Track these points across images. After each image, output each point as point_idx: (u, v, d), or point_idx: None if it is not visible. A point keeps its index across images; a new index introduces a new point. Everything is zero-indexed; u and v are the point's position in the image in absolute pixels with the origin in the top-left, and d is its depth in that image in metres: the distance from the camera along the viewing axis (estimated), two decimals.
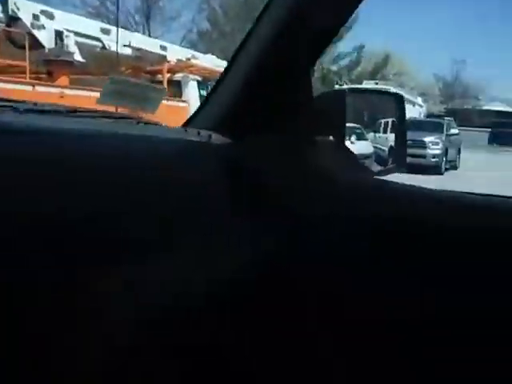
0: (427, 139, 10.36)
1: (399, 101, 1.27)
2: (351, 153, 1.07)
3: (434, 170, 9.92)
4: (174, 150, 0.79)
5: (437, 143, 10.71)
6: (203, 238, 0.71)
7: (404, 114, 1.25)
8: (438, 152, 10.63)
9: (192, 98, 9.92)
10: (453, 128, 12.96)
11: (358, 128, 2.07)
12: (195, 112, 1.04)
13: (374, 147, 1.93)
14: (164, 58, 10.39)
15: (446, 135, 11.66)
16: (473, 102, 27.04)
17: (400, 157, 1.20)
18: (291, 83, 0.94)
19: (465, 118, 24.31)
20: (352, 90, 1.14)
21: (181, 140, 0.85)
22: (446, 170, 10.94)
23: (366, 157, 1.56)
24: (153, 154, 0.74)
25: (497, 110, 26.30)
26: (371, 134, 2.03)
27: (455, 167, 11.80)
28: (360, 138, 2.04)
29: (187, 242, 0.68)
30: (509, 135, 23.73)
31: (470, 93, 27.98)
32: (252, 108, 0.95)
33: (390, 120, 1.42)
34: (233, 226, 0.77)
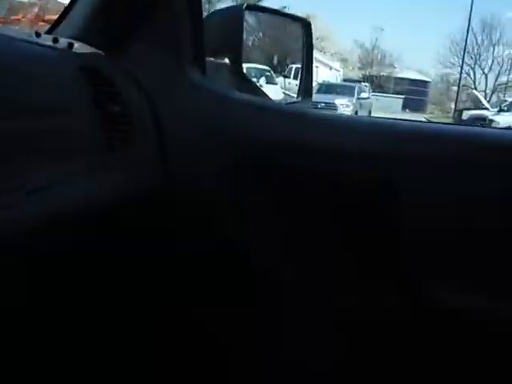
0: (338, 102, 10.95)
1: (307, 27, 1.19)
2: (245, 76, 0.99)
3: None
4: (16, 51, 0.67)
5: (347, 106, 11.37)
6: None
7: (311, 41, 1.18)
8: (348, 114, 11.28)
9: None
10: (364, 92, 13.84)
11: (268, 70, 1.99)
12: (59, 18, 0.89)
13: (284, 93, 1.86)
14: (64, 5, 9.65)
15: (357, 99, 12.40)
16: (389, 70, 28.41)
17: (306, 88, 1.14)
18: None
19: (381, 84, 25.61)
20: (251, 7, 1.02)
21: (28, 40, 0.72)
22: None
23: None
24: None
25: (411, 78, 27.93)
26: (281, 79, 1.95)
27: None
28: (269, 81, 1.97)
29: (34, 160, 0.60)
30: (420, 102, 25.60)
31: (387, 60, 29.35)
32: (127, 15, 0.83)
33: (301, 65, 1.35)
34: (91, 143, 0.69)
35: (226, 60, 1.01)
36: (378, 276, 0.75)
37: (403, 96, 24.44)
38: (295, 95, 1.52)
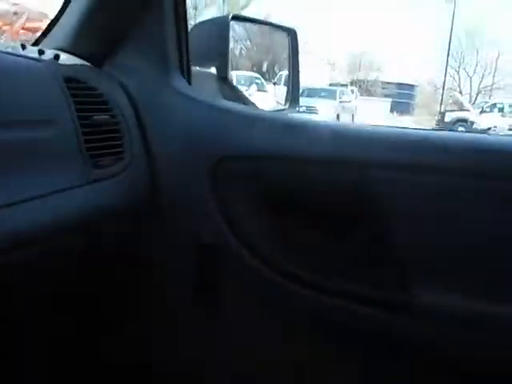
0: (319, 105, 11.04)
1: (293, 36, 1.22)
2: (232, 85, 1.02)
3: None
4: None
5: (328, 109, 11.49)
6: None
7: (297, 50, 1.21)
8: (329, 117, 11.46)
9: None
10: (346, 95, 14.03)
11: (258, 78, 2.02)
12: (45, 29, 0.91)
13: (275, 101, 1.88)
14: (45, 14, 9.79)
15: (340, 102, 12.56)
16: (377, 74, 28.70)
17: (293, 95, 1.16)
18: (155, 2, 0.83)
19: (369, 88, 25.91)
20: (237, 17, 1.05)
21: (12, 53, 0.73)
22: None
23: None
24: None
25: (397, 82, 28.24)
26: (271, 86, 1.98)
27: None
28: (260, 88, 2.00)
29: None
30: (407, 105, 25.97)
31: (375, 65, 29.66)
32: (113, 28, 0.85)
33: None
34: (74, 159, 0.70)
35: (213, 69, 1.03)
36: (366, 278, 0.77)
37: (390, 99, 24.72)
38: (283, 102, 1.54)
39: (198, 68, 0.98)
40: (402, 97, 26.37)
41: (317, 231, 0.79)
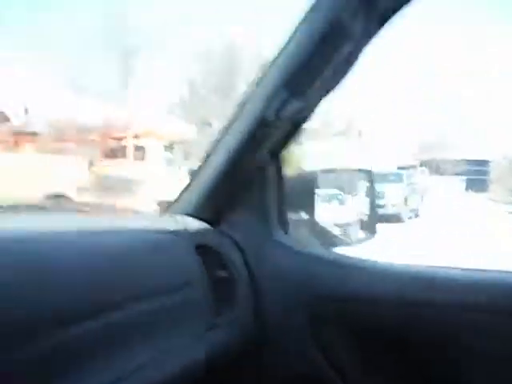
0: (386, 190, 10.89)
1: (368, 177, 1.43)
2: (322, 226, 1.20)
3: (395, 218, 10.63)
4: (146, 242, 0.85)
5: (396, 193, 11.24)
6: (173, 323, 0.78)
7: (373, 187, 1.41)
8: (397, 201, 11.24)
9: (156, 161, 11.02)
10: (413, 177, 13.83)
11: (339, 194, 2.24)
12: (176, 198, 1.13)
13: (354, 214, 2.05)
14: (128, 126, 11.26)
15: (408, 184, 12.34)
16: (447, 152, 28.28)
17: (371, 225, 1.33)
18: (261, 171, 1.06)
19: (440, 166, 25.49)
20: (324, 171, 1.28)
21: (154, 229, 0.92)
22: (409, 218, 11.70)
23: (348, 224, 1.65)
24: (122, 248, 0.79)
25: (469, 159, 27.55)
26: (350, 197, 2.19)
27: (417, 215, 12.62)
28: (341, 203, 2.22)
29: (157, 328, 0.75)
30: (482, 181, 25.05)
31: (445, 144, 29.33)
32: (229, 194, 1.06)
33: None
34: (203, 316, 0.85)
35: (303, 214, 1.23)
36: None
37: (464, 177, 24.06)
38: (365, 212, 1.69)
39: (291, 216, 1.19)
40: (475, 173, 25.63)
41: (404, 366, 0.88)
